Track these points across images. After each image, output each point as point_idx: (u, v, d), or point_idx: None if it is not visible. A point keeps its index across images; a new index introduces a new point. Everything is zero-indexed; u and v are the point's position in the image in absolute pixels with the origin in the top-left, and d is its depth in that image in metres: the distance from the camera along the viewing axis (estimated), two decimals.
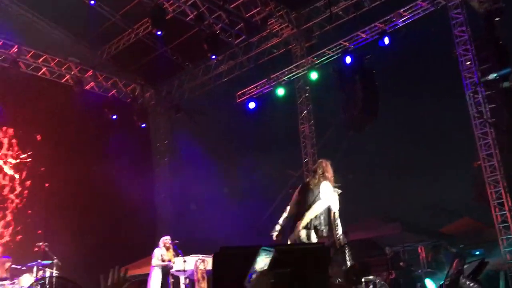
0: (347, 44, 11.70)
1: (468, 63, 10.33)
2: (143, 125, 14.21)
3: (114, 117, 13.66)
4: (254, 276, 3.09)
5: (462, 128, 10.36)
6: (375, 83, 10.82)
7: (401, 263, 9.54)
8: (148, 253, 10.86)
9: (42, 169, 12.85)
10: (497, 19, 9.75)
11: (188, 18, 12.01)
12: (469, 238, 10.07)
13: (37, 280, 9.06)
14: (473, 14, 10.26)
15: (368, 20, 11.40)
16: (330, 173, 6.03)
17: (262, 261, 3.12)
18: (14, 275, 9.58)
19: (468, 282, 4.66)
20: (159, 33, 11.04)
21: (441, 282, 6.74)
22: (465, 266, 5.11)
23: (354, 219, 10.24)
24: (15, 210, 12.88)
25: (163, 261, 9.61)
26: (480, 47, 10.01)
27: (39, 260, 9.70)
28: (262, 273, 3.08)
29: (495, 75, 2.94)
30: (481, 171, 9.74)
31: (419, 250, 10.42)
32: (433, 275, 8.57)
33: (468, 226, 10.71)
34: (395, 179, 10.76)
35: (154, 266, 9.65)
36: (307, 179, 6.28)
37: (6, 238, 12.64)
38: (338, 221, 5.89)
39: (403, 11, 10.96)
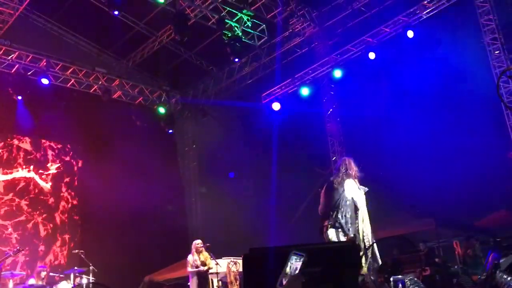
0: (371, 40, 11.57)
1: (497, 52, 10.08)
2: (170, 131, 14.37)
3: (141, 124, 13.90)
4: (284, 280, 3.07)
5: (495, 118, 10.10)
6: (400, 77, 10.69)
7: (436, 259, 9.36)
8: (181, 257, 10.97)
9: (75, 177, 13.14)
10: None
11: (210, 23, 12.10)
12: (506, 231, 9.80)
13: (74, 287, 9.29)
14: (500, 1, 10.01)
15: (391, 14, 11.24)
16: (353, 170, 5.98)
17: (294, 265, 3.10)
18: (52, 282, 9.84)
19: (505, 276, 4.53)
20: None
21: (478, 277, 6.59)
22: (502, 260, 4.98)
23: (387, 215, 10.09)
24: (49, 220, 13.17)
25: (196, 267, 9.67)
26: (509, 35, 9.77)
27: (75, 267, 9.93)
28: (294, 277, 3.05)
29: None
30: None
31: (455, 245, 10.18)
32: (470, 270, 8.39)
33: (505, 218, 10.42)
34: (427, 172, 10.53)
35: (190, 274, 9.74)
36: (331, 178, 6.24)
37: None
38: (366, 219, 5.83)
39: (427, 2, 10.78)
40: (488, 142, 9.80)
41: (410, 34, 10.70)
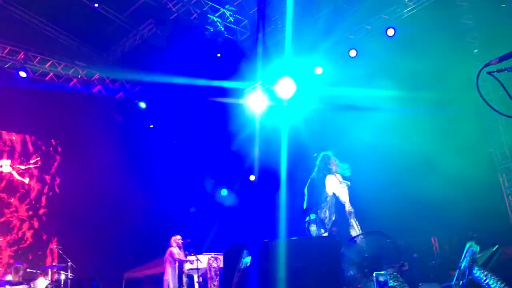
0: (352, 37, 11.64)
1: (476, 50, 10.25)
2: (151, 126, 14.27)
3: (121, 119, 13.78)
4: (239, 275, 3.11)
5: (472, 117, 10.27)
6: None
7: (414, 255, 9.50)
8: (161, 254, 10.93)
9: (52, 172, 12.95)
10: (503, 5, 9.65)
11: (192, 17, 12.01)
12: (482, 227, 9.98)
13: (51, 282, 9.18)
14: (481, 1, 10.16)
15: (372, 11, 11.31)
16: (334, 165, 6.01)
17: (245, 258, 3.14)
18: (29, 279, 9.71)
19: (481, 271, 4.61)
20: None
21: (456, 272, 6.68)
22: (479, 255, 5.06)
23: (365, 211, 10.17)
24: (29, 216, 12.98)
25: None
26: (488, 34, 9.94)
27: (53, 263, 9.83)
28: (242, 270, 3.10)
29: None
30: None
31: (432, 241, 10.34)
32: (447, 265, 8.53)
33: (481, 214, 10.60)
34: (405, 169, 10.64)
35: (172, 265, 9.72)
36: (312, 175, 6.29)
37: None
38: (351, 213, 5.87)
39: (408, 1, 10.87)
40: (468, 140, 9.96)
41: (390, 32, 10.79)
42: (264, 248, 3.43)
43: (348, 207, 5.84)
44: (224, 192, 14.42)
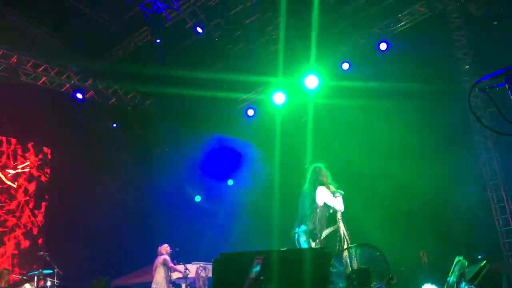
0: (345, 50, 11.73)
1: (467, 67, 10.36)
2: (143, 133, 14.26)
3: (114, 125, 13.74)
4: (246, 281, 3.11)
5: (463, 132, 10.37)
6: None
7: (402, 268, 9.51)
8: (149, 262, 10.86)
9: (44, 178, 12.86)
10: (495, 23, 9.79)
11: (187, 26, 12.04)
12: (471, 242, 10.03)
13: None
14: (473, 18, 10.31)
15: (366, 25, 11.42)
16: (325, 177, 6.01)
17: (255, 267, 3.14)
18: (15, 284, 9.59)
19: (468, 286, 4.64)
20: (158, 41, 11.12)
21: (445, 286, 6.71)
22: (467, 270, 5.09)
23: (355, 224, 10.18)
24: (17, 220, 12.86)
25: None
26: (480, 52, 10.06)
27: (40, 270, 9.72)
28: (254, 279, 3.09)
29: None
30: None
31: (421, 255, 10.36)
32: (435, 280, 8.54)
33: (470, 229, 10.66)
34: (395, 183, 10.69)
35: (165, 273, 9.64)
36: (304, 186, 6.30)
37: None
38: (342, 224, 5.89)
39: (401, 16, 10.99)
40: (458, 155, 10.03)
41: (383, 46, 10.89)
42: (250, 259, 3.42)
43: (339, 216, 5.84)
44: (198, 198, 14.52)
